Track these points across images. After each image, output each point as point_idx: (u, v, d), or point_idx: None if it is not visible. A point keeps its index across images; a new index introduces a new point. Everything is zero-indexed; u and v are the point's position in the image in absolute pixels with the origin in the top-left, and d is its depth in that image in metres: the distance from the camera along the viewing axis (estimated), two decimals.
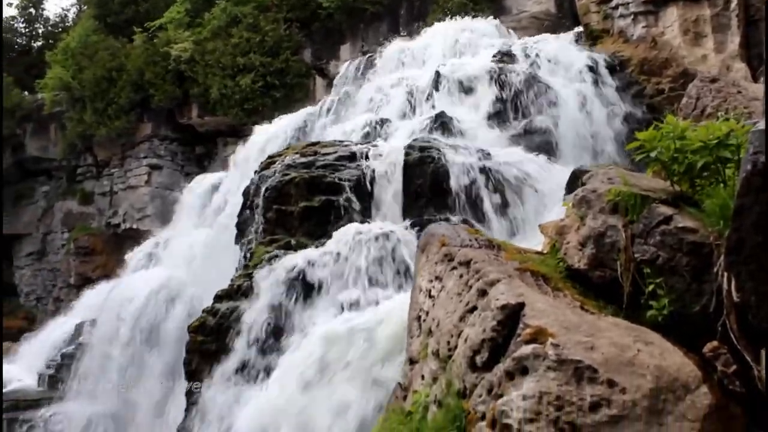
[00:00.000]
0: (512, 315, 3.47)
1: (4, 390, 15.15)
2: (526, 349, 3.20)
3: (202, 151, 23.09)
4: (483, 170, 9.52)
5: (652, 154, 4.30)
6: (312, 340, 6.98)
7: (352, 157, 9.73)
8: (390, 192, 9.39)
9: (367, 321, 6.85)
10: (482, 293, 3.82)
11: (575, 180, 7.52)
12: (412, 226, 8.64)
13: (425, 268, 4.89)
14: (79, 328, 15.92)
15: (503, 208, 9.27)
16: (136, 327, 12.31)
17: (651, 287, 3.87)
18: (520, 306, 3.49)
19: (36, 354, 16.61)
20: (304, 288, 7.85)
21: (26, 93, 26.67)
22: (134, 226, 21.61)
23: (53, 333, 16.95)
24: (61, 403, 13.55)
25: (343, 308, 7.49)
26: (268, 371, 7.36)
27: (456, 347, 3.81)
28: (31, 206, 25.58)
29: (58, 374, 14.88)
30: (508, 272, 4.01)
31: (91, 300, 16.72)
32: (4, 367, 17.10)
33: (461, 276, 4.21)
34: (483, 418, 3.21)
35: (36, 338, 18.04)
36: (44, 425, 13.03)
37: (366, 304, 7.44)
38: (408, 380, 4.60)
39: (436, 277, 4.62)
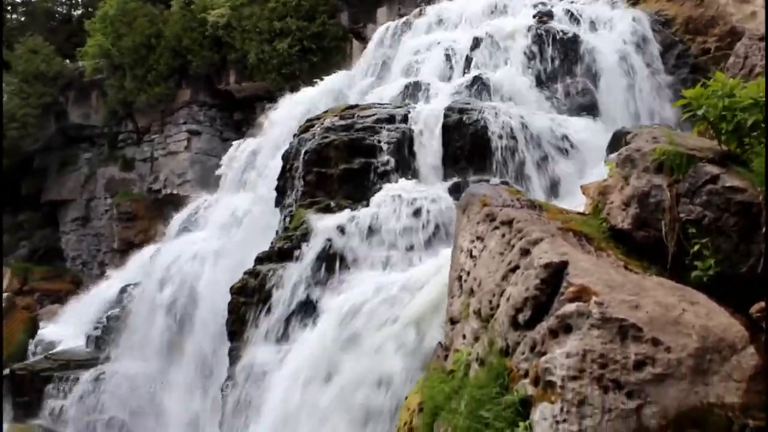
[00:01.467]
0: (555, 273, 3.45)
1: (55, 350, 15.70)
2: (570, 307, 3.19)
3: (240, 117, 23.21)
4: (523, 132, 9.40)
5: (699, 112, 4.21)
6: (349, 300, 7.06)
7: (391, 119, 9.69)
8: (429, 154, 9.34)
9: (405, 282, 6.89)
10: (525, 252, 3.81)
11: (617, 141, 7.40)
12: (452, 188, 8.63)
13: (466, 228, 4.88)
14: (123, 292, 16.32)
15: (543, 170, 9.17)
16: (178, 290, 12.56)
17: (696, 247, 3.82)
18: (564, 264, 3.47)
19: (83, 316, 17.09)
20: (343, 249, 7.91)
21: (67, 61, 26.99)
22: (175, 192, 21.89)
23: (99, 296, 17.39)
24: (108, 363, 13.96)
25: (381, 269, 7.54)
26: (307, 330, 7.47)
27: (498, 306, 3.81)
28: (74, 173, 26.05)
29: (104, 335, 15.32)
30: (550, 232, 3.98)
31: (135, 264, 17.10)
32: (54, 328, 17.68)
33: (503, 236, 4.20)
34: (526, 375, 3.23)
35: (82, 301, 18.54)
36: (92, 384, 13.43)
37: (404, 266, 7.48)
38: (449, 340, 4.63)
39: (478, 238, 4.61)
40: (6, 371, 14.82)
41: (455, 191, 8.41)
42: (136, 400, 12.52)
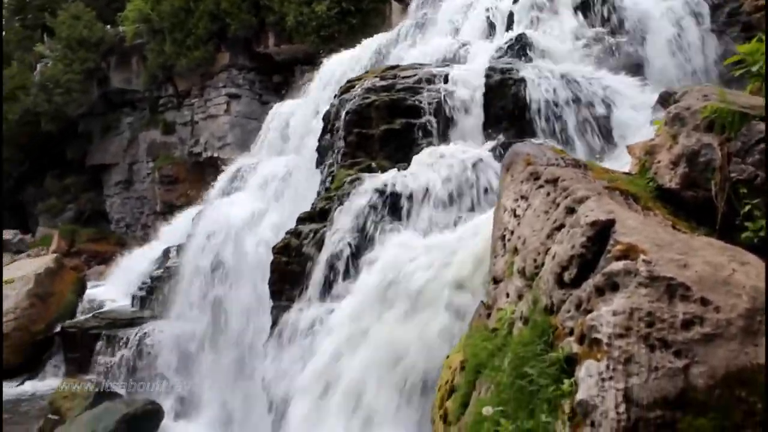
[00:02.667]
0: (602, 231, 3.41)
1: (102, 309, 16.15)
2: (617, 266, 3.15)
3: (279, 80, 23.23)
4: (566, 92, 9.24)
5: (754, 69, 4.09)
6: (391, 260, 7.09)
7: (432, 80, 9.60)
8: (470, 115, 9.25)
9: (446, 242, 6.90)
10: (570, 211, 3.77)
11: (664, 101, 7.23)
12: (494, 149, 8.55)
13: (510, 187, 4.84)
14: (166, 253, 16.67)
15: (587, 131, 9.02)
16: (220, 251, 12.75)
17: (747, 208, 3.74)
18: (611, 222, 3.42)
19: (128, 277, 17.53)
20: (385, 209, 7.92)
21: (108, 27, 27.23)
22: (215, 155, 22.10)
23: (143, 257, 17.80)
24: (152, 322, 14.31)
25: (422, 230, 7.55)
26: (349, 290, 7.54)
27: (543, 265, 3.79)
28: (117, 137, 26.45)
29: (149, 296, 15.71)
30: (596, 190, 3.93)
31: (177, 226, 17.41)
32: (102, 288, 18.16)
33: (548, 194, 4.16)
34: (571, 333, 3.21)
35: (127, 262, 18.98)
36: (138, 342, 13.80)
37: (445, 226, 7.47)
38: (491, 299, 4.63)
39: (522, 197, 4.57)
40: (57, 328, 15.34)
41: (497, 152, 8.35)
42: (180, 358, 12.83)
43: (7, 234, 27.33)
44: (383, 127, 9.15)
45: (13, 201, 29.23)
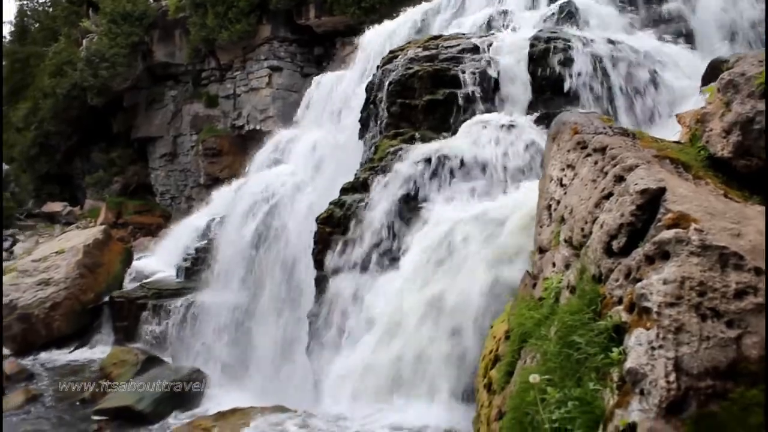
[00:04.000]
0: (652, 200, 3.35)
1: (148, 279, 16.48)
2: (668, 234, 3.10)
3: (320, 52, 23.17)
4: (612, 61, 9.05)
5: None
6: (437, 230, 7.10)
7: (475, 49, 9.49)
8: (514, 84, 9.14)
9: (491, 212, 6.87)
10: (619, 179, 3.71)
11: (713, 70, 7.06)
12: (538, 118, 8.44)
13: (556, 156, 4.79)
14: (210, 225, 16.87)
15: (634, 100, 8.84)
16: (263, 221, 12.88)
17: None
18: (661, 191, 3.36)
19: (173, 248, 17.78)
20: (429, 179, 7.90)
21: (152, 0, 27.44)
22: (257, 127, 22.21)
23: (187, 229, 18.00)
24: (197, 293, 14.54)
25: (466, 200, 7.51)
26: (393, 259, 7.57)
27: (590, 234, 3.75)
28: (161, 110, 26.75)
29: (193, 267, 15.94)
30: (646, 158, 3.86)
31: (221, 198, 17.59)
32: (148, 259, 18.51)
33: (596, 163, 4.10)
34: (620, 302, 3.18)
35: (172, 234, 19.26)
36: (183, 312, 14.06)
37: (489, 196, 7.43)
38: (537, 269, 4.60)
39: (568, 166, 4.51)
40: (106, 298, 15.71)
41: (542, 122, 8.24)
42: (224, 328, 13.04)
43: (57, 206, 28.02)
44: (426, 98, 9.10)
45: (62, 174, 29.89)
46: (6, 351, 14.05)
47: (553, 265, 4.23)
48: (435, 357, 6.44)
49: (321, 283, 8.45)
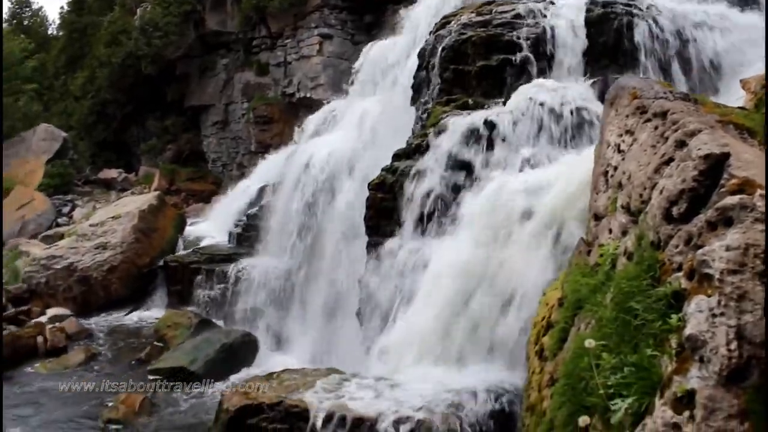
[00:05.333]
0: (715, 165, 3.26)
1: (201, 245, 16.80)
2: (732, 200, 3.01)
3: (371, 20, 22.99)
4: (672, 26, 8.77)
5: None
6: (488, 199, 7.05)
7: (530, 14, 9.30)
8: (570, 51, 8.94)
9: (545, 178, 6.79)
10: (680, 144, 3.61)
11: None
12: (594, 85, 8.26)
13: (614, 122, 4.68)
14: (261, 192, 17.06)
15: (695, 67, 8.57)
16: (314, 188, 12.96)
17: None
18: (725, 156, 3.27)
19: (225, 214, 18.07)
20: (482, 146, 7.82)
21: None
22: (308, 95, 22.25)
23: (239, 196, 18.26)
24: (248, 258, 14.77)
25: (521, 166, 7.43)
26: (444, 226, 7.55)
27: (649, 200, 3.67)
28: (213, 78, 26.99)
29: (245, 232, 16.18)
30: (709, 123, 3.74)
31: (272, 165, 17.74)
32: (200, 224, 18.85)
33: (656, 128, 3.99)
34: (679, 268, 3.11)
35: (224, 200, 19.56)
36: (235, 277, 14.31)
37: (544, 163, 7.33)
38: (592, 236, 4.53)
39: (627, 131, 4.42)
40: (160, 262, 16.07)
41: (598, 88, 8.06)
42: (275, 293, 13.24)
43: (113, 173, 28.66)
44: (480, 64, 8.98)
45: (118, 141, 30.52)
46: (67, 311, 14.52)
47: (610, 231, 4.16)
48: (486, 323, 6.45)
49: (372, 248, 8.48)
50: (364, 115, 13.34)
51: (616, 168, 4.41)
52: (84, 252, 15.91)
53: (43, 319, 14.17)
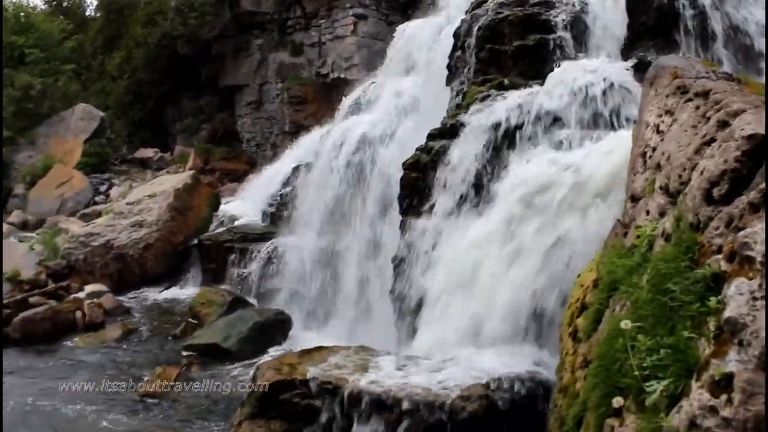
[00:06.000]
0: (759, 146, 3.18)
1: (235, 223, 16.96)
2: None
3: (406, 0, 22.86)
4: (716, 5, 8.55)
5: None
6: (523, 178, 7.00)
7: None
8: (608, 30, 8.78)
9: (578, 162, 6.72)
10: (723, 124, 3.53)
11: None
12: (634, 65, 8.09)
13: (653, 102, 4.60)
14: (295, 171, 17.12)
15: (740, 46, 8.35)
16: (347, 169, 12.97)
17: None
18: None
19: (259, 194, 18.15)
20: (517, 126, 7.75)
21: None
22: (342, 76, 22.21)
23: (273, 175, 18.33)
24: (282, 237, 14.88)
25: (555, 148, 7.35)
26: (478, 207, 7.52)
27: (689, 181, 3.61)
28: (248, 58, 27.07)
29: (278, 212, 16.28)
30: (753, 103, 3.66)
31: (306, 145, 17.79)
32: (234, 204, 19.00)
33: (697, 108, 3.92)
34: (719, 250, 3.06)
35: (258, 180, 19.66)
36: (268, 256, 14.44)
37: (579, 145, 7.25)
38: (629, 217, 4.48)
39: (666, 111, 4.34)
40: (195, 241, 16.28)
41: (637, 68, 7.89)
42: (308, 272, 13.32)
43: (149, 152, 29.00)
44: (516, 43, 8.88)
45: (154, 121, 30.84)
46: (104, 287, 14.80)
47: (647, 213, 4.10)
48: (519, 305, 6.43)
49: (406, 227, 8.48)
50: (398, 96, 13.30)
51: (654, 149, 4.34)
52: (120, 230, 16.17)
53: (81, 294, 14.48)
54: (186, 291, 15.47)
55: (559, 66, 8.36)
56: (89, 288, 14.76)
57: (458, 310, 6.85)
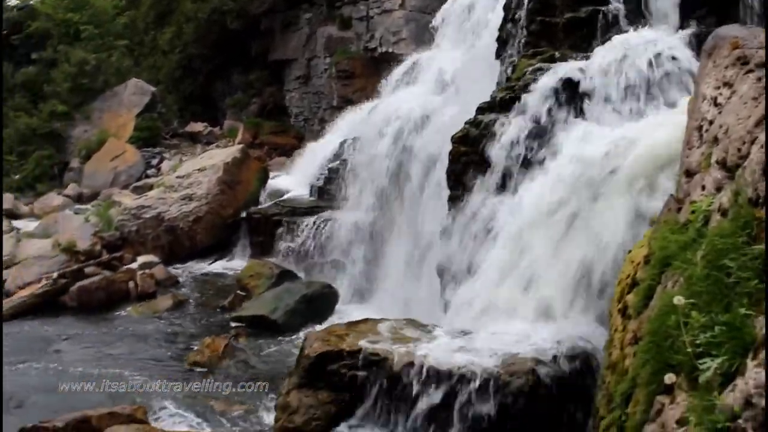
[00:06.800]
0: None
1: (283, 197, 17.11)
2: None
3: None
4: None
5: None
6: (574, 152, 6.88)
7: None
8: (664, 1, 8.52)
9: (630, 136, 6.57)
10: None
11: None
12: (690, 37, 7.83)
13: (711, 74, 4.46)
14: (342, 146, 17.15)
15: None
16: (394, 143, 12.94)
17: None
18: None
19: (307, 168, 18.26)
20: (569, 100, 7.60)
21: None
22: (390, 50, 22.02)
23: (320, 150, 18.39)
24: (329, 211, 14.96)
25: (606, 121, 7.20)
26: (528, 180, 7.42)
27: (748, 155, 3.49)
28: (296, 33, 27.07)
29: (325, 186, 16.35)
30: None
31: (353, 120, 17.79)
32: (282, 178, 19.16)
33: (759, 79, 3.78)
34: None
35: (306, 154, 19.75)
36: (316, 229, 14.54)
37: (633, 118, 7.08)
38: (683, 192, 4.37)
39: (725, 83, 4.20)
40: (243, 214, 16.49)
41: (693, 40, 7.65)
42: (355, 246, 13.39)
43: (198, 126, 29.38)
44: (568, 15, 8.70)
45: (204, 95, 31.18)
46: (156, 259, 15.13)
47: (703, 188, 4.00)
48: (567, 279, 6.37)
49: (454, 201, 8.44)
50: (446, 69, 13.17)
51: (711, 122, 4.22)
52: (171, 203, 16.47)
53: (134, 265, 14.84)
54: (234, 263, 15.71)
55: (611, 39, 8.15)
56: (141, 259, 15.12)
57: (508, 284, 6.81)
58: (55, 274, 13.74)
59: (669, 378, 2.90)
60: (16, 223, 20.53)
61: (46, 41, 31.44)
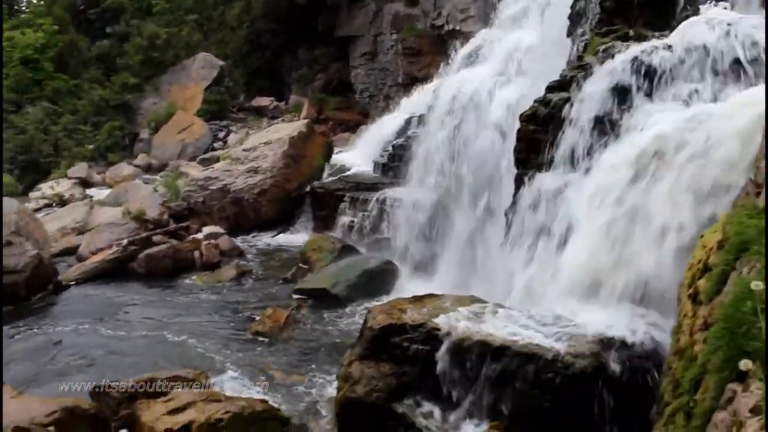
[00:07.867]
0: None
1: (346, 173, 17.23)
2: None
3: None
4: None
5: None
6: (647, 133, 6.72)
7: None
8: None
9: (707, 117, 6.37)
10: None
11: None
12: None
13: None
14: (408, 123, 17.15)
15: None
16: (460, 121, 12.84)
17: None
18: None
19: (370, 145, 18.36)
20: (643, 79, 7.38)
21: None
22: (457, 27, 21.79)
23: (385, 126, 18.44)
24: (392, 188, 15.02)
25: (684, 102, 6.98)
26: (598, 161, 7.28)
27: None
28: (363, 9, 27.04)
29: (390, 162, 16.44)
30: None
31: (419, 97, 17.74)
32: (346, 153, 19.28)
33: None
34: None
35: (370, 131, 19.83)
36: (379, 205, 14.62)
37: (710, 99, 6.85)
38: (763, 177, 4.24)
39: None
40: (307, 188, 16.69)
41: None
42: (417, 223, 13.41)
43: (264, 101, 29.81)
44: None
45: (271, 70, 31.55)
46: (220, 230, 15.49)
47: None
48: (634, 264, 6.25)
49: (520, 181, 8.35)
50: (514, 48, 12.98)
51: None
52: (237, 175, 16.79)
53: (199, 235, 15.26)
54: (297, 237, 15.96)
55: (687, 17, 7.86)
56: (207, 229, 15.52)
57: (574, 266, 6.72)
58: (124, 241, 14.23)
59: (745, 364, 2.84)
60: (89, 191, 21.33)
61: (120, 15, 32.31)
